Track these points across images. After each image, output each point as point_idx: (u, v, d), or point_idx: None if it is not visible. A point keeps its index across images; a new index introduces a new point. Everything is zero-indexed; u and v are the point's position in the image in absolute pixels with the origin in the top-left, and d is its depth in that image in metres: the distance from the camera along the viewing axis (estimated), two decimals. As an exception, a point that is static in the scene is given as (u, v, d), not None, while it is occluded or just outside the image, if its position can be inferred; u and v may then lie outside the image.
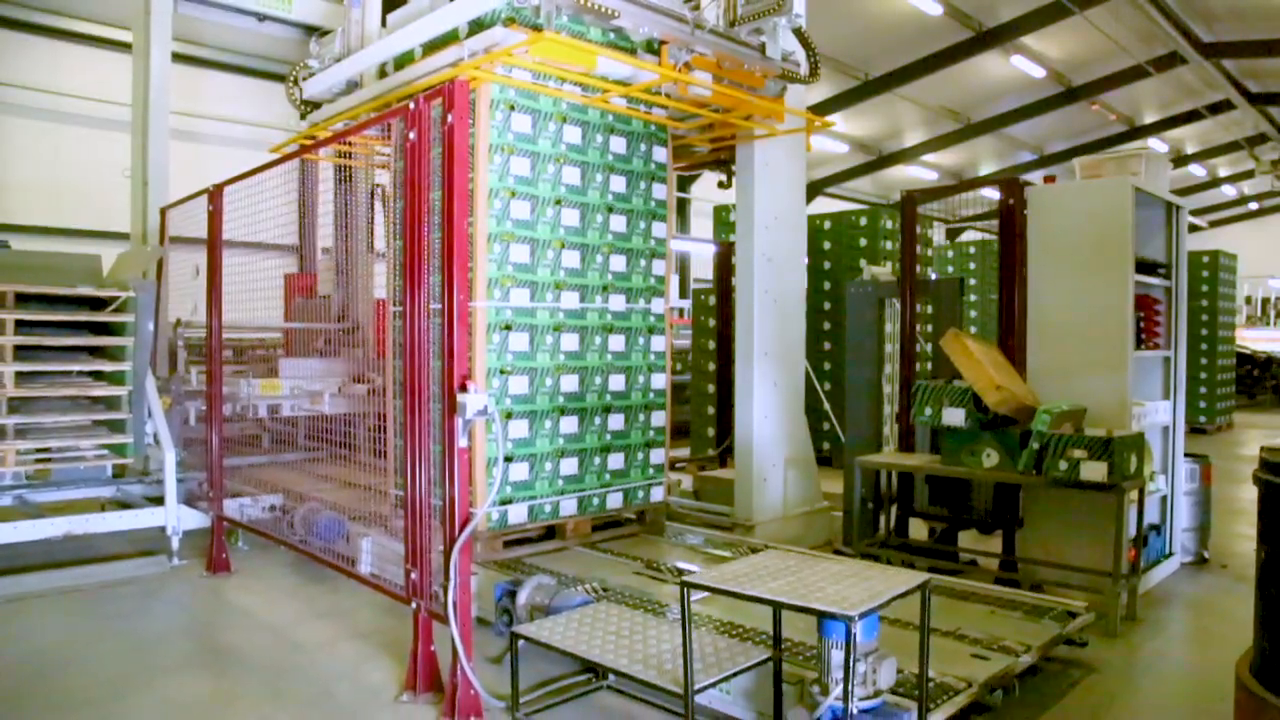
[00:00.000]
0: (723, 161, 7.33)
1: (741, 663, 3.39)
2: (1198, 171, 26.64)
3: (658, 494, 6.14)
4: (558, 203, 5.44)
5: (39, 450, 6.29)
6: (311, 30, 9.85)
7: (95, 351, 6.60)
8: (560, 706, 3.92)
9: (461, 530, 3.76)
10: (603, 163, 5.69)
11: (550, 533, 5.70)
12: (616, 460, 5.84)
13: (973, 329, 11.18)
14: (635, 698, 4.01)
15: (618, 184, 5.79)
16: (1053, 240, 5.61)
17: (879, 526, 6.23)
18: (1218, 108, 19.31)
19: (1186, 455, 6.24)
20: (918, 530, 6.32)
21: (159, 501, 6.86)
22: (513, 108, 5.19)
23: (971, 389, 5.34)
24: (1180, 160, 24.47)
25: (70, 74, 13.60)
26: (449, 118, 3.73)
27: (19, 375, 5.98)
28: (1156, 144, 22.45)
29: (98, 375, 6.50)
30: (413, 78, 5.51)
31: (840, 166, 24.40)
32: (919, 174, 25.55)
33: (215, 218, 6.07)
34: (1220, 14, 15.46)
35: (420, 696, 3.98)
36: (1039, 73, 18.03)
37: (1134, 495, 5.12)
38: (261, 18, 9.27)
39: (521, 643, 3.81)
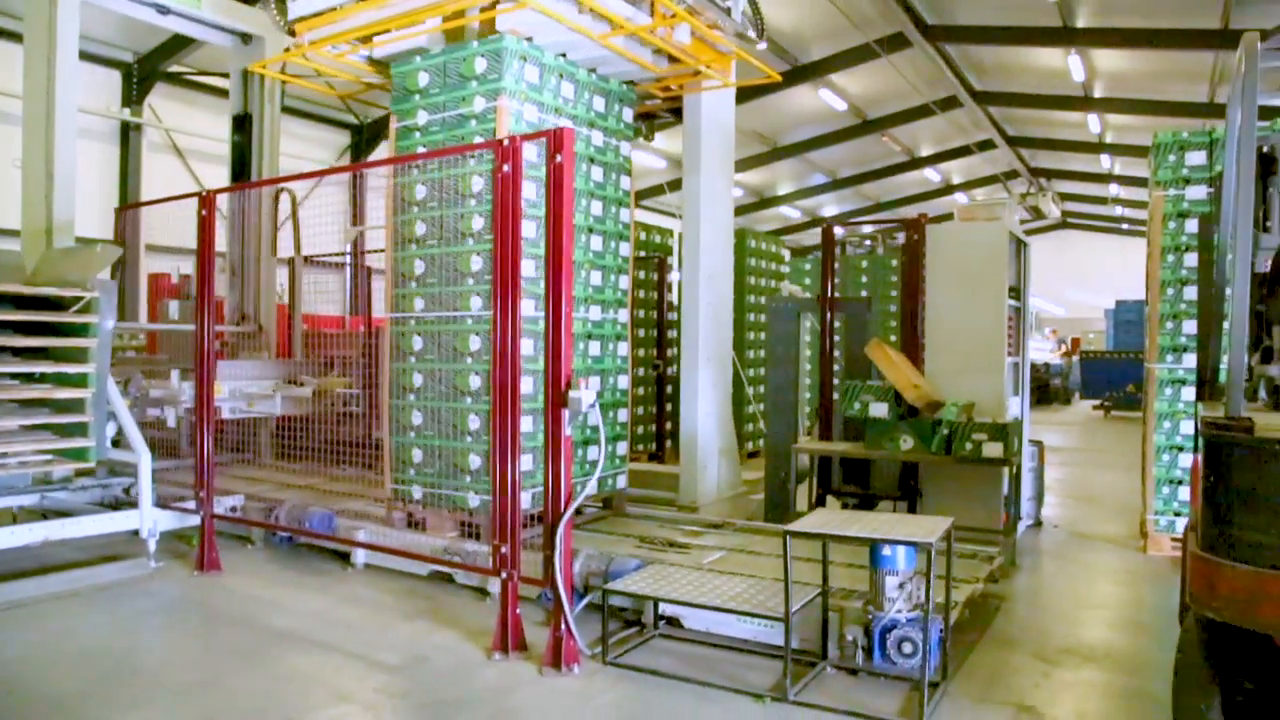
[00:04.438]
0: (650, 116, 8.64)
1: (803, 597, 4.35)
2: (961, 199, 30.59)
3: (622, 481, 7.00)
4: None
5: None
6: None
7: (37, 352, 6.43)
8: (633, 651, 4.71)
9: (566, 507, 4.47)
10: (586, 189, 6.47)
11: (534, 518, 6.37)
12: (593, 452, 6.62)
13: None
14: (684, 639, 4.88)
15: (596, 208, 6.59)
16: (946, 268, 7.02)
17: (795, 504, 7.42)
18: (984, 145, 22.60)
19: (1029, 441, 7.90)
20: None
21: (111, 507, 6.86)
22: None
23: (893, 387, 6.61)
24: (948, 189, 28.12)
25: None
26: (558, 158, 4.42)
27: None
28: (932, 174, 25.73)
29: (33, 378, 6.28)
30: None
31: (656, 180, 25.92)
32: (727, 190, 27.51)
33: (207, 222, 6.23)
34: (989, 68, 18.31)
35: (512, 654, 4.61)
36: (841, 105, 20.32)
37: (1013, 469, 6.60)
38: (164, 10, 9.06)
39: (579, 603, 4.54)
